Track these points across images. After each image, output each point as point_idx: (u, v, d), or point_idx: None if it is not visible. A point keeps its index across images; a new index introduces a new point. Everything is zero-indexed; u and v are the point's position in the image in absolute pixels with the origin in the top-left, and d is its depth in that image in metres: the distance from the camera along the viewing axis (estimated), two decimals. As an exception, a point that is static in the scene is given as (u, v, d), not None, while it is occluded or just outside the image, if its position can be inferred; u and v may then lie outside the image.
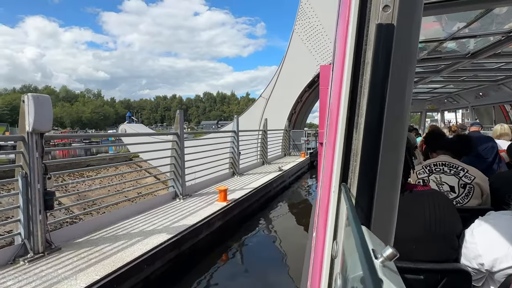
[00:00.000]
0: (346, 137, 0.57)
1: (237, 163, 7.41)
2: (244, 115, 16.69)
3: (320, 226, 0.71)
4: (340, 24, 0.65)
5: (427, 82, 5.78)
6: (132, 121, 50.21)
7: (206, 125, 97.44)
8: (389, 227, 0.58)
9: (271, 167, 9.03)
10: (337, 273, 0.49)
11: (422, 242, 1.35)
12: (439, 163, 2.28)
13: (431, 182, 2.26)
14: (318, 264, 0.68)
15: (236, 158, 7.38)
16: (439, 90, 7.30)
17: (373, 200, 0.54)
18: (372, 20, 0.51)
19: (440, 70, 4.62)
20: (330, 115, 0.70)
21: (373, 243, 0.45)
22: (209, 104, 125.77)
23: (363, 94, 0.53)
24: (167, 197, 4.87)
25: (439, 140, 2.51)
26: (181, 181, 4.94)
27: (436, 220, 1.36)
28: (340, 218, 0.57)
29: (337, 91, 0.62)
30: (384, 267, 0.39)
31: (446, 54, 3.84)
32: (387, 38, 0.49)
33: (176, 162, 4.95)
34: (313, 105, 17.74)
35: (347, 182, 0.57)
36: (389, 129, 0.53)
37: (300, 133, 13.87)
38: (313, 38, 14.35)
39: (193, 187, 5.55)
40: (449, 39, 3.09)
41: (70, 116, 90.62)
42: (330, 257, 0.59)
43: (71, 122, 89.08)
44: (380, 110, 0.51)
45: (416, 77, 5.34)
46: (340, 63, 0.60)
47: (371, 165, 0.53)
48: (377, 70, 0.51)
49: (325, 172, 0.72)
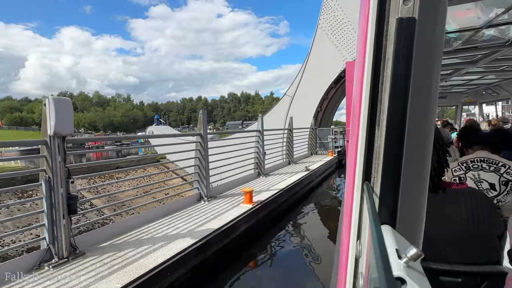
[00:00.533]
0: (368, 134, 0.56)
1: (262, 163, 7.23)
2: (268, 114, 16.39)
3: (345, 225, 0.70)
4: (360, 20, 0.64)
5: (462, 74, 5.45)
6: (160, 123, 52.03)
7: (231, 125, 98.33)
8: (416, 227, 0.56)
9: (298, 166, 8.72)
10: (360, 273, 0.48)
11: (459, 243, 1.28)
12: (476, 159, 2.14)
13: (468, 180, 2.13)
14: (343, 264, 0.67)
15: (261, 158, 7.21)
16: (476, 82, 6.86)
17: (398, 199, 0.52)
18: (392, 15, 0.50)
19: (476, 61, 4.35)
20: (353, 112, 0.69)
21: (398, 243, 0.44)
22: (234, 105, 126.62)
23: (384, 90, 0.52)
24: (192, 199, 4.86)
25: (474, 135, 2.37)
26: (205, 182, 4.93)
27: (474, 219, 1.28)
28: (364, 218, 0.56)
29: (358, 88, 0.61)
30: (408, 267, 0.38)
31: (483, 43, 3.62)
32: (408, 32, 0.48)
33: (200, 163, 4.92)
34: (339, 102, 17.10)
35: (370, 181, 0.56)
36: (413, 126, 0.51)
37: (326, 131, 13.35)
38: (338, 32, 13.76)
39: (218, 189, 5.53)
40: (485, 26, 2.90)
41: (102, 120, 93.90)
42: (355, 257, 0.58)
43: (103, 125, 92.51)
44: (403, 106, 0.50)
45: (450, 68, 5.08)
46: (361, 59, 0.59)
47: (394, 163, 0.52)
48: (398, 65, 0.49)
49: (348, 170, 0.71)
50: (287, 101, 15.72)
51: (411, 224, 0.55)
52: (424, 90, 0.51)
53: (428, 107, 0.53)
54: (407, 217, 0.54)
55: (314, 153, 12.32)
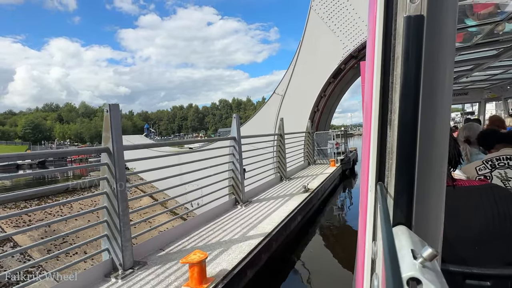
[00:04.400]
0: (380, 134, 0.56)
1: (240, 186, 4.75)
2: (255, 118, 13.65)
3: (361, 227, 0.70)
4: (369, 20, 0.64)
5: (484, 69, 5.25)
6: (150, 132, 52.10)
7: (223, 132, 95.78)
8: (434, 227, 0.55)
9: (293, 184, 6.46)
10: (375, 274, 0.48)
11: (484, 243, 1.22)
12: (502, 157, 2.06)
13: (494, 179, 2.05)
14: (360, 265, 0.66)
15: (239, 178, 4.73)
16: (500, 76, 6.58)
17: (413, 199, 0.52)
18: (400, 13, 0.50)
19: (499, 55, 4.18)
20: (365, 112, 0.69)
21: (414, 243, 0.44)
22: (225, 111, 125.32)
23: (395, 90, 0.52)
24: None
25: (493, 136, 2.35)
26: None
27: (500, 217, 1.22)
28: (379, 218, 0.56)
29: (369, 88, 0.61)
30: (424, 267, 0.38)
31: (505, 36, 3.48)
32: (417, 30, 0.48)
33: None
34: (338, 100, 14.27)
35: (384, 181, 0.56)
36: (426, 125, 0.51)
37: (325, 135, 10.75)
38: (336, 14, 11.18)
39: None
40: (507, 19, 2.80)
41: (89, 131, 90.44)
42: (370, 257, 0.57)
43: (90, 137, 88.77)
44: (414, 105, 0.49)
45: (471, 64, 4.90)
46: (370, 59, 0.59)
47: (408, 163, 0.51)
48: (407, 64, 0.49)
49: (362, 171, 0.71)
50: (277, 101, 12.88)
51: (428, 224, 0.54)
52: (437, 88, 0.51)
53: (441, 105, 0.52)
54: (423, 217, 0.53)
55: (312, 162, 9.94)
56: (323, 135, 10.73)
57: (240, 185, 4.78)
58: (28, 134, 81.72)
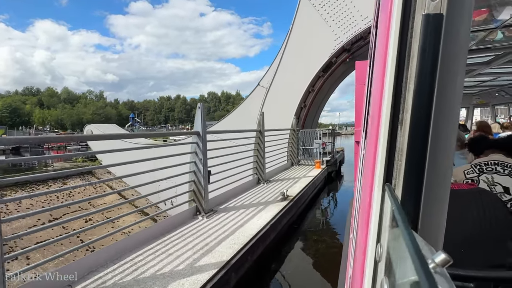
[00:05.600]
0: (390, 134, 0.55)
1: (202, 192, 4.00)
2: (236, 112, 12.49)
3: (361, 228, 0.69)
4: (382, 17, 0.63)
5: (474, 75, 5.37)
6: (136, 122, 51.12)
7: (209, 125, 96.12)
8: (438, 231, 0.55)
9: (271, 189, 5.76)
10: (383, 278, 0.47)
11: (471, 246, 1.24)
12: (490, 162, 2.11)
13: (481, 183, 2.10)
14: (359, 268, 0.66)
15: (202, 183, 3.99)
16: (489, 83, 6.74)
17: (420, 202, 0.51)
18: (418, 11, 0.48)
19: (490, 62, 4.28)
20: (371, 111, 0.67)
21: (422, 247, 0.43)
22: (214, 104, 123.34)
23: (408, 89, 0.51)
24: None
25: (483, 142, 2.39)
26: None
27: (486, 221, 1.25)
28: (384, 220, 0.55)
29: (379, 86, 0.60)
30: (435, 273, 0.37)
31: (497, 43, 3.55)
32: (436, 29, 0.46)
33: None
34: (328, 97, 13.21)
35: (391, 183, 0.55)
36: (437, 126, 0.50)
37: (312, 133, 9.86)
38: (329, 1, 10.44)
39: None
40: (500, 27, 2.85)
41: (70, 118, 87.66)
42: (374, 260, 0.56)
43: (71, 124, 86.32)
44: (428, 105, 0.48)
45: (462, 70, 4.99)
46: (382, 57, 0.58)
47: (418, 164, 0.50)
48: (423, 63, 0.48)
49: (365, 171, 0.70)
50: (261, 94, 11.88)
51: (434, 228, 0.54)
52: (450, 89, 0.50)
53: (453, 107, 0.51)
54: (429, 220, 0.52)
55: (296, 163, 9.32)
56: (309, 134, 9.94)
57: (202, 191, 4.02)
58: (5, 118, 77.62)
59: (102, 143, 11.50)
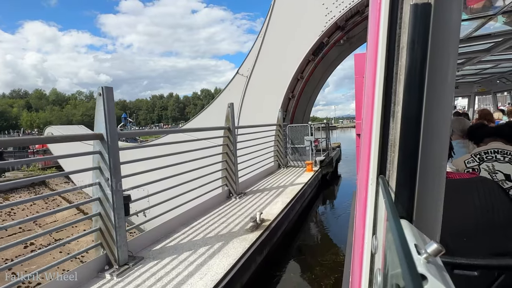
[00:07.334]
0: (382, 127, 0.55)
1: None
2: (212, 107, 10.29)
3: (359, 221, 0.69)
4: (371, 8, 0.62)
5: (475, 63, 5.31)
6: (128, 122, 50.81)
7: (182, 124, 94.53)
8: (434, 221, 0.55)
9: (242, 207, 4.10)
10: (377, 269, 0.47)
11: (474, 234, 1.24)
12: (490, 151, 2.10)
13: (482, 172, 2.10)
14: (358, 260, 0.66)
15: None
16: (490, 71, 6.68)
17: (415, 193, 0.51)
18: (406, 1, 0.48)
19: (490, 49, 4.23)
20: (366, 104, 0.67)
21: (416, 238, 0.43)
22: (207, 101, 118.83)
23: (399, 81, 0.50)
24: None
25: (482, 130, 2.38)
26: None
27: (489, 209, 1.25)
28: (379, 212, 0.55)
29: (371, 79, 0.59)
30: (428, 263, 0.37)
31: (496, 30, 3.51)
32: (424, 19, 0.46)
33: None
34: (320, 86, 10.98)
35: (385, 175, 0.55)
36: (429, 117, 0.50)
37: (302, 129, 7.92)
38: None
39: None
40: (499, 13, 2.81)
41: (59, 120, 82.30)
42: (370, 252, 0.57)
43: None
44: (419, 97, 0.48)
45: (462, 58, 4.95)
46: (373, 49, 0.57)
47: (410, 156, 0.50)
48: (413, 54, 0.47)
49: (362, 164, 0.70)
50: (240, 84, 9.64)
51: (429, 218, 0.54)
52: (441, 80, 0.50)
53: (444, 97, 0.51)
54: (424, 210, 0.53)
55: (284, 165, 7.52)
56: (298, 129, 8.02)
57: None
58: (-7, 121, 75.31)
59: (64, 146, 9.56)
